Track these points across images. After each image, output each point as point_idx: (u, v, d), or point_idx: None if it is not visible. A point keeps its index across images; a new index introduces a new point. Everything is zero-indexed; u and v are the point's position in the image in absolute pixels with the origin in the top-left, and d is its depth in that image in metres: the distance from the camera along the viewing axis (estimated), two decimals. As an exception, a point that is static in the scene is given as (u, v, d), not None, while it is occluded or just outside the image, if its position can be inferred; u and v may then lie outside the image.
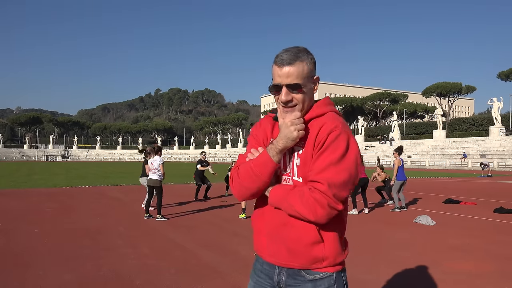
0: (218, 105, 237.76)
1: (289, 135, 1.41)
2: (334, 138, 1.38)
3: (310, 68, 1.47)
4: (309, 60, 1.46)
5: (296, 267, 1.46)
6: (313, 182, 1.37)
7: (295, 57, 1.43)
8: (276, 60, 1.46)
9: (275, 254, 1.49)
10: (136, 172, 28.47)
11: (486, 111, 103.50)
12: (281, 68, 1.43)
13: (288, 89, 1.43)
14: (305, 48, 1.49)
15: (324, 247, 1.44)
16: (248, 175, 1.45)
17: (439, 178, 25.09)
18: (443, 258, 5.13)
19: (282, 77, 1.43)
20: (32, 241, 6.03)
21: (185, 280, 4.23)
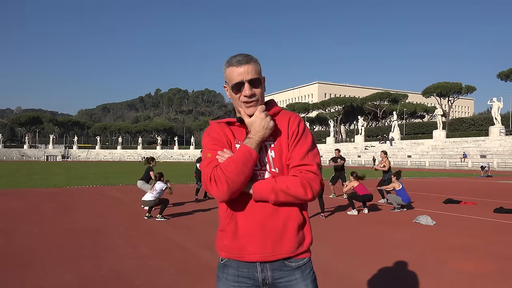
0: (218, 105, 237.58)
1: (266, 125, 1.50)
2: (303, 129, 1.57)
3: (260, 69, 1.60)
4: (258, 62, 1.60)
5: (282, 257, 1.51)
6: (301, 166, 1.51)
7: (249, 59, 1.56)
8: (232, 62, 1.56)
9: (259, 250, 1.50)
10: (136, 172, 28.46)
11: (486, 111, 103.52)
12: (241, 67, 1.54)
13: (250, 84, 1.54)
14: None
15: (307, 228, 1.57)
16: (235, 170, 1.44)
17: (439, 178, 25.09)
18: (443, 258, 5.13)
19: (243, 74, 1.53)
20: (32, 241, 6.03)
21: (185, 280, 4.23)
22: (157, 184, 8.47)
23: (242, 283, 1.54)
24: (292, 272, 1.53)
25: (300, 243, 1.53)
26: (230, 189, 1.46)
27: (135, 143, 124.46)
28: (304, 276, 1.54)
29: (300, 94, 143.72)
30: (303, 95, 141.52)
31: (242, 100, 1.54)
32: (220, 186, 1.46)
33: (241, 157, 1.46)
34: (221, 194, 1.48)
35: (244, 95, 1.53)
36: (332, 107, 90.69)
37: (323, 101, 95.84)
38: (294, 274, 1.53)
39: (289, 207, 1.51)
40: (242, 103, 1.55)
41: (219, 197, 1.50)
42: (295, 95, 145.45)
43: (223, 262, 1.61)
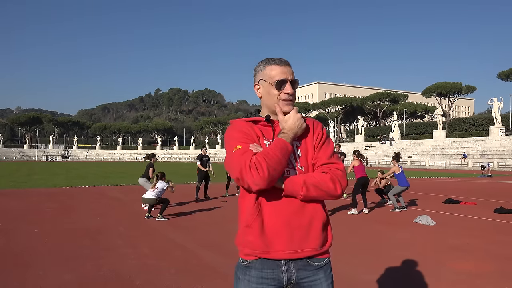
0: (218, 105, 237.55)
1: (300, 124, 1.58)
2: (327, 134, 1.68)
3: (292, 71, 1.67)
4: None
5: (308, 254, 1.53)
6: (329, 164, 1.59)
7: (288, 62, 1.65)
8: (274, 61, 1.64)
9: (285, 247, 1.51)
10: (136, 172, 28.46)
11: (486, 111, 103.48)
12: (284, 67, 1.62)
13: (291, 84, 1.62)
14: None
15: (329, 228, 1.62)
16: (276, 158, 1.46)
17: (439, 178, 25.09)
18: (443, 258, 5.13)
19: (286, 74, 1.61)
20: (32, 241, 6.03)
21: (185, 280, 4.23)
22: (159, 183, 8.46)
23: (265, 284, 1.53)
24: (316, 271, 1.55)
25: (324, 242, 1.57)
26: (270, 176, 1.43)
27: (135, 143, 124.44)
28: (326, 276, 1.57)
29: (300, 94, 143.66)
30: (303, 95, 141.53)
31: (282, 98, 1.60)
32: (261, 172, 1.42)
33: (279, 148, 1.49)
34: (260, 181, 1.42)
35: (286, 93, 1.60)
36: (332, 107, 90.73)
37: (323, 101, 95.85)
38: (318, 274, 1.56)
39: (314, 205, 1.55)
40: (281, 100, 1.60)
41: (257, 184, 1.43)
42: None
43: (245, 263, 1.57)
